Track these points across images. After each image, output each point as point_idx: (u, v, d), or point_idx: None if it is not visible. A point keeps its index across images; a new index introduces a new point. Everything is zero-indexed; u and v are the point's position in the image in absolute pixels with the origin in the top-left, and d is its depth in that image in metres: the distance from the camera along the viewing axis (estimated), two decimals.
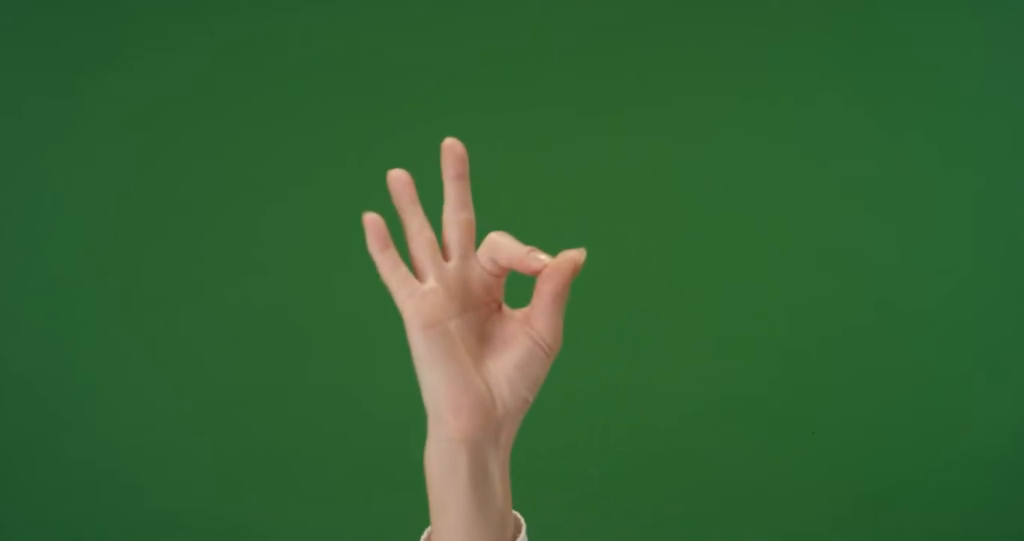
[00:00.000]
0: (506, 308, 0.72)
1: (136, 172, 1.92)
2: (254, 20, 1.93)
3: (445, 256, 0.70)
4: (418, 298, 0.68)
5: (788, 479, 1.86)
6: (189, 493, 1.88)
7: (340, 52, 1.93)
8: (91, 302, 1.90)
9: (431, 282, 0.69)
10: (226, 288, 1.90)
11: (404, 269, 0.68)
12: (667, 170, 1.90)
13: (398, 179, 0.69)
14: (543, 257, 0.68)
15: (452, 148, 0.69)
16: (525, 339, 0.70)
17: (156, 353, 1.90)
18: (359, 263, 1.91)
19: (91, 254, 1.91)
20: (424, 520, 0.69)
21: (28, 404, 1.90)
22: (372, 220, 0.67)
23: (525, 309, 0.71)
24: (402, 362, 2.13)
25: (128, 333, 1.90)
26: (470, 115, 1.90)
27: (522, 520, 0.74)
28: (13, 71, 1.92)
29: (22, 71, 1.92)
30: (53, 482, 1.89)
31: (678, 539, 1.86)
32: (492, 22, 1.93)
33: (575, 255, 0.68)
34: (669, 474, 1.87)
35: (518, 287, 0.81)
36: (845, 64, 1.90)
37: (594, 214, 1.89)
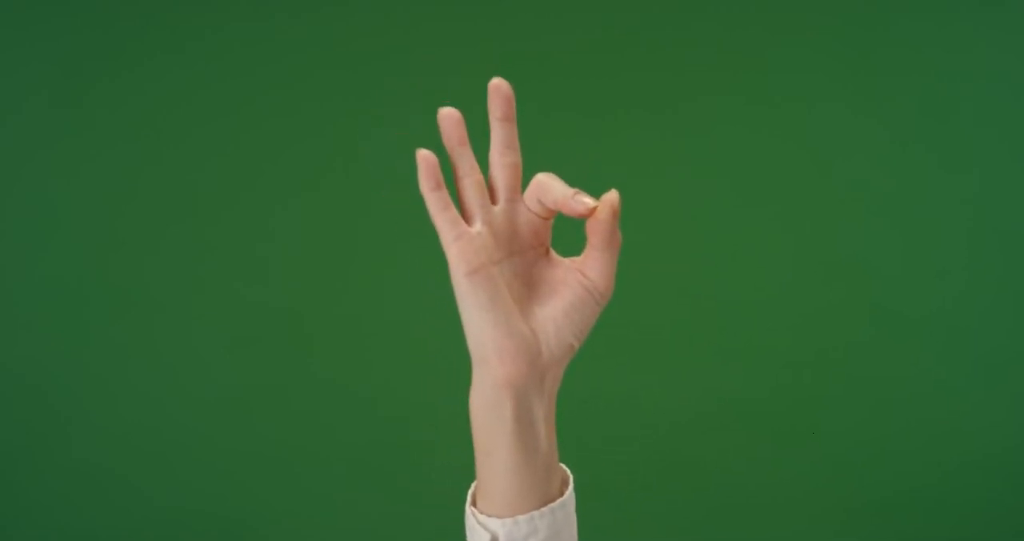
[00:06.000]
0: (554, 254, 0.71)
1: (139, 172, 1.92)
2: (261, 19, 1.93)
3: (492, 199, 0.69)
4: (464, 242, 0.66)
5: (787, 486, 1.86)
6: (193, 492, 1.89)
7: (341, 54, 1.93)
8: (94, 302, 1.91)
9: (478, 225, 0.67)
10: (230, 288, 1.91)
11: (453, 211, 0.66)
12: (667, 172, 1.90)
13: (449, 117, 0.68)
14: (588, 200, 0.66)
15: (499, 88, 0.69)
16: (576, 286, 0.68)
17: (160, 353, 1.90)
18: (363, 262, 1.92)
19: (94, 254, 1.91)
20: (427, 518, 0.69)
21: (31, 404, 1.90)
22: (425, 157, 0.66)
23: (577, 258, 0.69)
24: (406, 361, 2.13)
25: (131, 333, 1.90)
26: (474, 118, 1.90)
27: (569, 473, 0.72)
28: (15, 70, 1.93)
29: (25, 70, 1.93)
30: (56, 481, 1.90)
31: None
32: (493, 22, 1.93)
33: (609, 199, 0.66)
34: (667, 481, 1.87)
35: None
36: (848, 67, 1.90)
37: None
